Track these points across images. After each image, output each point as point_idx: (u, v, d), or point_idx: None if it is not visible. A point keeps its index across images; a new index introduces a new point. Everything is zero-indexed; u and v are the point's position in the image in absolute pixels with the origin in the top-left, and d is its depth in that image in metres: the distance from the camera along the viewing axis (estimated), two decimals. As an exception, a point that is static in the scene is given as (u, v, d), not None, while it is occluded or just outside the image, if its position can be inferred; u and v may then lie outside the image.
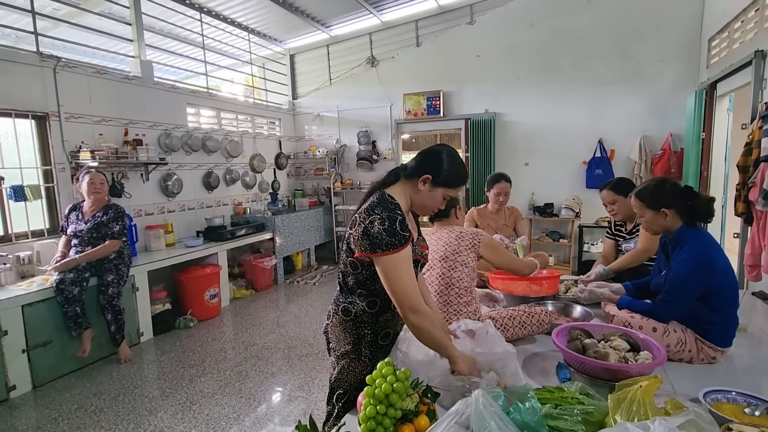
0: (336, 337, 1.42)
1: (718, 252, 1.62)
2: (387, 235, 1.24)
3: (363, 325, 1.39)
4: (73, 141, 3.79)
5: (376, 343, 1.40)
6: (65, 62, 3.73)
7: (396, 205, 1.32)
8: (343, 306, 1.40)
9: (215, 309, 4.51)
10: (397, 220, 1.27)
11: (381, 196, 1.34)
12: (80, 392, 2.99)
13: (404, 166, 1.40)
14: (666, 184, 1.72)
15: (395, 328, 1.46)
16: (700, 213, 1.65)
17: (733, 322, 1.60)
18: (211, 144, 5.24)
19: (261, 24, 6.05)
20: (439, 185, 1.35)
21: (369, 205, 1.32)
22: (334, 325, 1.43)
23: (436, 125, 6.33)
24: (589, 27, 5.20)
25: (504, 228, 3.17)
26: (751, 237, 2.95)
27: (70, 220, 3.37)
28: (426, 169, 1.34)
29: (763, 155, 2.69)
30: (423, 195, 1.36)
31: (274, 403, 2.85)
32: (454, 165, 1.36)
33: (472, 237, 1.85)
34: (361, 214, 1.31)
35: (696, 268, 1.55)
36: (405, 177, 1.39)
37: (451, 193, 1.39)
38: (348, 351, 1.40)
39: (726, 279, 1.59)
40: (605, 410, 1.00)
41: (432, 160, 1.36)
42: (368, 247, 1.26)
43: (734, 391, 1.20)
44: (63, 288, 3.11)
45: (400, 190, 1.38)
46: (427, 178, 1.34)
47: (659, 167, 4.91)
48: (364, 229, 1.27)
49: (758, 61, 3.11)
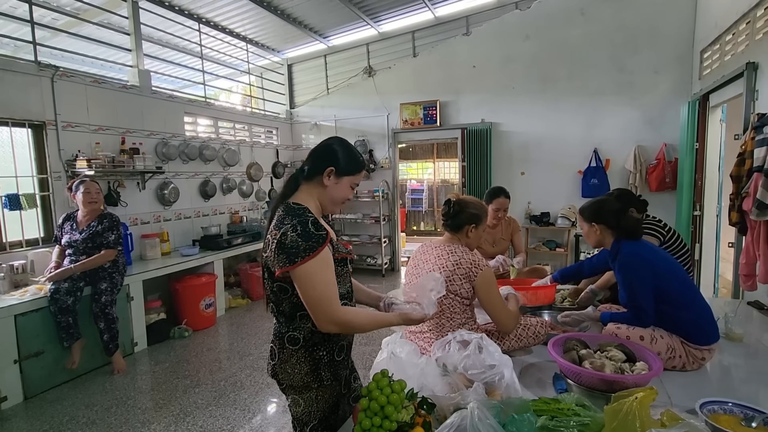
0: (290, 373, 1.29)
1: (646, 248, 1.72)
2: (303, 239, 1.18)
3: (316, 348, 1.29)
4: (70, 150, 3.78)
5: (333, 362, 1.31)
6: (63, 71, 3.74)
7: (304, 209, 1.27)
8: (288, 335, 1.29)
9: (210, 318, 4.47)
10: (308, 222, 1.21)
11: (286, 207, 1.28)
12: (72, 404, 2.95)
13: (301, 170, 1.35)
14: (605, 203, 1.85)
15: (347, 338, 1.40)
16: (624, 231, 1.76)
17: (707, 316, 1.63)
18: (208, 153, 5.25)
19: (259, 34, 6.10)
20: (343, 174, 1.33)
21: (276, 220, 1.26)
22: (284, 360, 1.29)
23: (432, 134, 6.37)
24: (583, 39, 5.27)
25: (501, 241, 3.16)
26: (745, 246, 2.97)
27: (65, 230, 3.35)
28: (326, 163, 1.32)
29: (755, 165, 2.71)
30: (331, 189, 1.33)
31: (269, 414, 2.81)
32: (349, 152, 1.35)
33: (470, 267, 1.70)
34: (272, 232, 1.24)
35: (632, 268, 1.66)
36: (306, 179, 1.34)
37: (356, 180, 1.37)
38: (308, 382, 1.28)
39: (672, 274, 1.66)
40: (602, 422, 1.00)
41: (327, 153, 1.34)
42: (286, 260, 1.18)
43: (731, 402, 1.19)
44: (57, 298, 3.08)
45: (305, 195, 1.33)
46: (331, 171, 1.31)
47: (654, 177, 4.95)
48: (278, 243, 1.19)
49: (750, 73, 3.15)
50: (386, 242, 6.55)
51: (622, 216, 1.76)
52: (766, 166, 2.57)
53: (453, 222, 1.84)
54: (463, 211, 1.83)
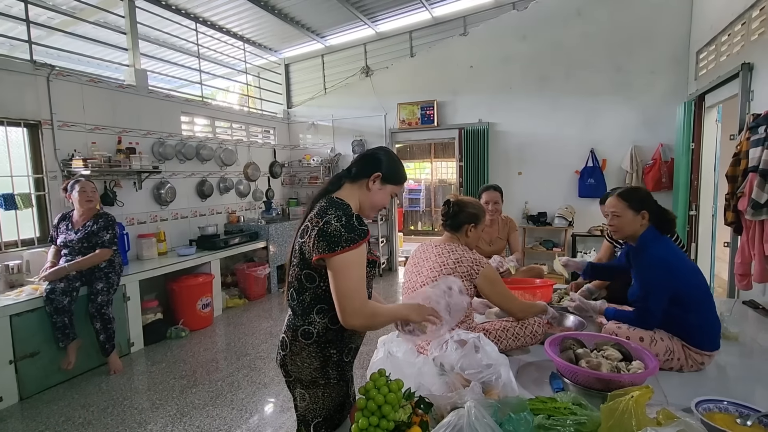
0: (299, 366, 1.31)
1: (678, 254, 1.69)
2: (345, 230, 1.21)
3: (328, 345, 1.30)
4: (66, 149, 3.77)
5: (341, 362, 1.33)
6: (59, 70, 3.72)
7: (347, 205, 1.31)
8: (303, 329, 1.30)
9: (208, 318, 4.46)
10: (353, 216, 1.26)
11: (330, 200, 1.32)
12: (68, 404, 2.94)
13: (348, 170, 1.41)
14: (644, 190, 1.82)
15: (358, 342, 1.42)
16: (667, 224, 1.74)
17: (713, 323, 1.63)
18: (205, 152, 5.23)
19: (256, 34, 6.09)
20: (388, 182, 1.39)
21: (319, 210, 1.29)
22: (295, 353, 1.31)
23: (430, 134, 6.38)
24: (580, 39, 5.28)
25: (497, 240, 3.17)
26: (740, 246, 2.98)
27: (60, 230, 3.33)
28: (373, 169, 1.37)
29: (751, 165, 2.73)
30: (374, 193, 1.38)
31: (266, 414, 2.81)
32: (396, 163, 1.43)
33: (471, 265, 1.71)
34: (312, 220, 1.28)
35: (657, 271, 1.62)
36: (350, 180, 1.39)
37: (397, 190, 1.43)
38: (317, 378, 1.31)
39: (692, 278, 1.64)
40: (598, 421, 1.00)
41: (376, 160, 1.39)
42: (325, 248, 1.21)
43: (726, 401, 1.20)
44: (53, 298, 3.06)
45: (348, 193, 1.38)
46: (378, 176, 1.37)
47: (650, 177, 4.97)
48: (319, 230, 1.23)
49: (745, 74, 3.17)
50: (384, 242, 6.55)
51: (663, 210, 1.75)
52: (761, 166, 2.59)
53: (452, 222, 1.87)
54: (462, 211, 1.86)
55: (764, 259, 2.71)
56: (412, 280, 1.86)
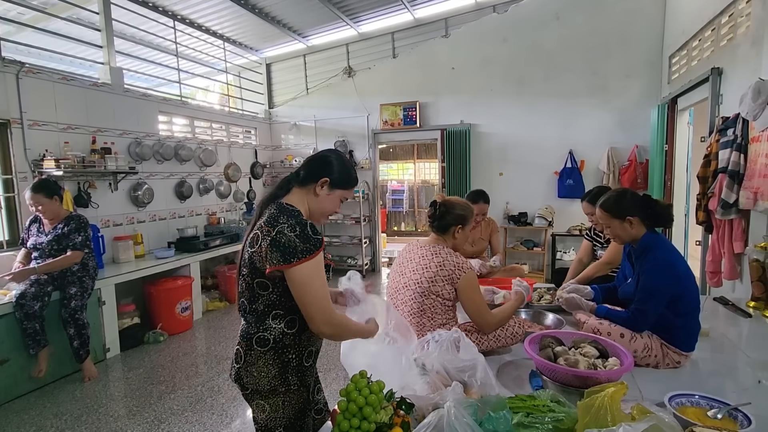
0: (256, 376, 1.27)
1: (679, 257, 1.69)
2: (300, 241, 1.18)
3: (286, 350, 1.26)
4: (37, 149, 3.64)
5: (302, 367, 1.30)
6: (29, 68, 3.59)
7: (299, 211, 1.27)
8: (258, 336, 1.26)
9: (187, 322, 4.37)
10: (306, 225, 1.21)
11: (279, 206, 1.27)
12: (39, 413, 2.83)
13: (296, 174, 1.36)
14: (627, 194, 1.79)
15: (317, 344, 1.39)
16: (662, 218, 1.72)
17: (696, 326, 1.67)
18: (184, 153, 5.13)
19: (236, 33, 6.01)
20: (337, 187, 1.35)
21: (269, 217, 1.23)
22: (250, 363, 1.27)
23: (412, 135, 6.40)
24: (558, 42, 5.39)
25: (479, 241, 3.21)
26: (711, 244, 3.09)
27: (31, 232, 3.22)
28: (321, 173, 1.33)
29: (720, 167, 2.83)
30: (322, 199, 1.34)
31: (248, 418, 2.76)
32: (346, 167, 1.38)
33: (453, 269, 1.69)
34: (263, 228, 1.22)
35: (662, 275, 1.61)
36: (298, 185, 1.34)
37: (346, 195, 1.40)
38: (276, 386, 1.26)
39: (688, 283, 1.65)
40: (575, 417, 1.02)
41: (325, 163, 1.35)
42: (280, 259, 1.16)
43: (698, 395, 1.23)
44: (23, 303, 2.95)
45: (297, 198, 1.33)
46: (325, 181, 1.32)
47: (626, 178, 5.10)
48: (272, 240, 1.18)
49: (714, 78, 3.28)
50: (367, 243, 6.54)
51: (654, 203, 1.71)
52: (730, 168, 2.68)
53: (439, 223, 1.84)
54: (449, 212, 1.83)
55: (734, 257, 2.81)
56: (395, 280, 1.86)
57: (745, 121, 2.63)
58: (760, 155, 2.47)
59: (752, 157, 2.58)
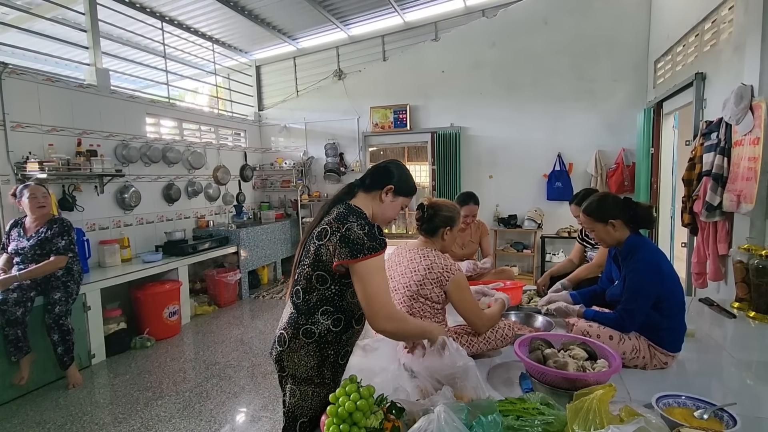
0: (296, 363, 1.35)
1: (663, 258, 1.72)
2: (368, 239, 1.26)
3: (327, 346, 1.34)
4: (20, 151, 3.56)
5: (337, 364, 1.38)
6: (13, 68, 3.52)
7: (365, 213, 1.36)
8: (305, 328, 1.33)
9: (175, 327, 4.31)
10: (374, 226, 1.31)
11: (348, 207, 1.36)
12: (22, 422, 2.76)
13: (362, 180, 1.46)
14: (608, 198, 1.84)
15: (353, 347, 1.45)
16: (643, 220, 1.76)
17: (682, 327, 1.69)
18: (172, 155, 5.07)
19: (225, 35, 5.97)
20: (400, 194, 1.45)
21: (338, 215, 1.33)
22: (293, 350, 1.34)
23: (403, 138, 6.42)
24: (546, 47, 5.45)
25: (470, 244, 3.22)
26: (696, 246, 3.14)
27: (12, 237, 3.14)
28: (387, 181, 1.42)
29: (704, 170, 2.89)
30: (386, 205, 1.43)
31: (237, 424, 2.73)
32: (407, 176, 1.48)
33: (442, 271, 1.70)
34: (332, 224, 1.31)
35: (648, 275, 1.64)
36: (363, 190, 1.44)
37: (407, 202, 1.50)
38: (312, 376, 1.34)
39: (673, 284, 1.68)
40: (565, 420, 1.02)
41: (388, 172, 1.44)
42: (348, 254, 1.25)
43: (684, 396, 1.25)
44: (5, 309, 2.88)
45: (362, 202, 1.42)
46: (390, 188, 1.42)
47: (613, 180, 5.17)
48: (341, 236, 1.27)
49: (698, 83, 3.35)
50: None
51: (635, 205, 1.75)
52: (714, 171, 2.74)
53: (428, 226, 1.85)
54: (437, 215, 1.84)
55: (718, 259, 2.86)
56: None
57: (728, 125, 2.69)
58: (743, 159, 2.53)
59: (735, 161, 2.63)
